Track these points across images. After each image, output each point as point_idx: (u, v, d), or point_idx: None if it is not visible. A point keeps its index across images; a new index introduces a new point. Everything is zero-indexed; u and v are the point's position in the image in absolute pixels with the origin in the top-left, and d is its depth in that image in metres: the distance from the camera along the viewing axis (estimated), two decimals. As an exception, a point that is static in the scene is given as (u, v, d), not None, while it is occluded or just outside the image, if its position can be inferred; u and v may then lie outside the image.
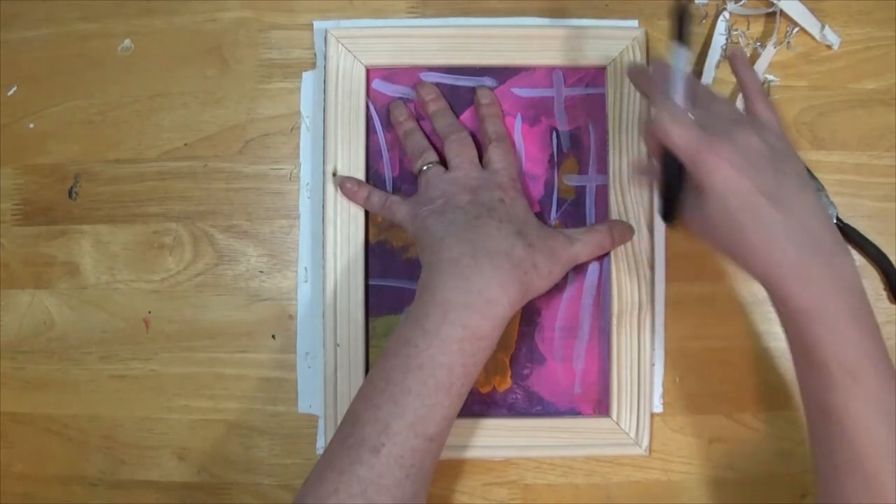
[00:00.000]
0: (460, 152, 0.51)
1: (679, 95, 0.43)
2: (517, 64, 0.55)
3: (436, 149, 0.53)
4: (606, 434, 0.53)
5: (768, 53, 0.54)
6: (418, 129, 0.54)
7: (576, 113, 0.55)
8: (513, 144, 0.54)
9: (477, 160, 0.51)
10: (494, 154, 0.51)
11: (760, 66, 0.54)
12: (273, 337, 0.55)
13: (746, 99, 0.46)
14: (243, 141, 0.56)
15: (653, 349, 0.54)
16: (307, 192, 0.56)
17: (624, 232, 0.52)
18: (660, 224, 0.54)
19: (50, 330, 0.56)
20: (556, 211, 0.55)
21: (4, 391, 0.56)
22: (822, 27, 0.55)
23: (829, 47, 0.55)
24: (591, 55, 0.54)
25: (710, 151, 0.40)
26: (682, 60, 0.43)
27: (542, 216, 0.55)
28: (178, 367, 0.56)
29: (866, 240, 0.54)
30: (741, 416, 0.54)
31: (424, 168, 0.52)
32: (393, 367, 0.44)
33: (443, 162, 0.52)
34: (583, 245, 0.50)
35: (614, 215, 0.53)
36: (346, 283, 0.53)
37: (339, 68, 0.54)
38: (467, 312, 0.44)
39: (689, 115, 0.42)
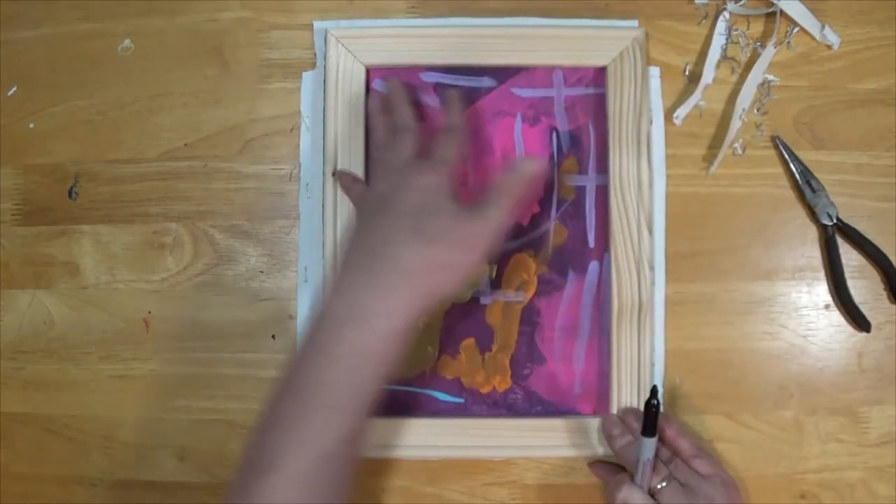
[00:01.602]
0: (403, 142, 0.50)
1: (643, 482, 0.47)
2: (517, 64, 0.55)
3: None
4: (606, 434, 0.53)
5: (768, 53, 0.54)
6: (387, 121, 0.52)
7: (576, 113, 0.55)
8: (464, 139, 0.52)
9: (414, 148, 0.49)
10: (438, 141, 0.50)
11: (760, 66, 0.54)
12: (273, 337, 0.55)
13: (687, 462, 0.49)
14: (243, 141, 0.56)
15: (653, 349, 0.54)
16: (307, 192, 0.56)
17: (533, 165, 0.48)
18: (660, 224, 0.55)
19: (50, 330, 0.56)
20: (556, 211, 0.55)
21: (4, 391, 0.56)
22: (822, 27, 0.55)
23: (829, 47, 0.55)
24: (591, 55, 0.54)
25: None
26: (648, 450, 0.47)
27: (541, 216, 0.55)
28: (178, 367, 0.55)
29: (866, 240, 0.54)
30: (741, 416, 0.55)
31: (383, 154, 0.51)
32: (286, 383, 0.44)
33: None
34: (496, 208, 0.46)
35: (614, 215, 0.53)
36: (346, 283, 0.53)
37: (339, 68, 0.54)
38: (352, 329, 0.43)
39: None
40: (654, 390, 0.47)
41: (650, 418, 0.47)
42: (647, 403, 0.47)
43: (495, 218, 0.46)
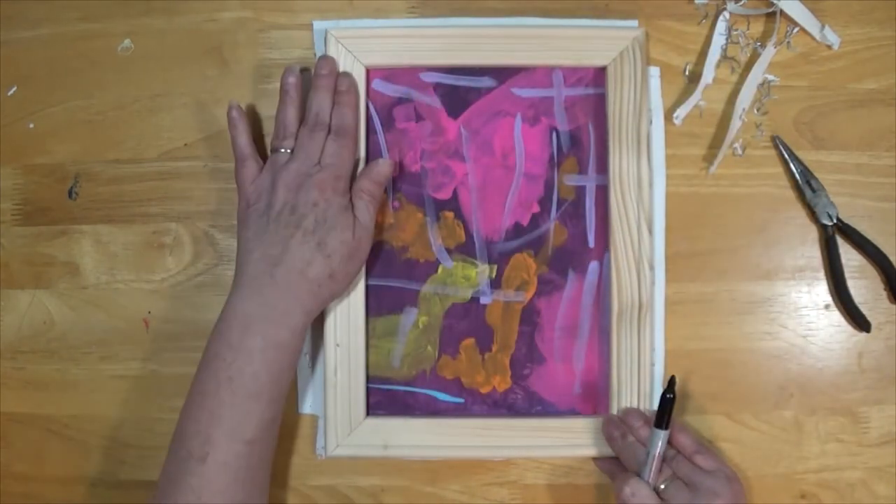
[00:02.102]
0: (306, 144, 0.51)
1: (651, 476, 0.48)
2: (517, 64, 0.55)
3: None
4: (606, 434, 0.53)
5: (768, 53, 0.54)
6: (297, 107, 0.52)
7: (576, 113, 0.55)
8: (355, 139, 0.52)
9: (318, 156, 0.51)
10: (329, 148, 0.51)
11: (760, 66, 0.54)
12: (273, 337, 0.55)
13: (690, 459, 0.49)
14: (243, 141, 0.56)
15: (653, 349, 0.54)
16: (307, 192, 0.55)
17: (387, 167, 0.52)
18: (660, 224, 0.55)
19: (50, 330, 0.56)
20: (556, 211, 0.55)
21: (4, 391, 0.56)
22: (822, 27, 0.55)
23: (829, 47, 0.55)
24: (591, 55, 0.54)
25: None
26: (659, 444, 0.48)
27: (541, 216, 0.55)
28: (178, 367, 0.56)
29: (866, 240, 0.54)
30: (741, 416, 0.55)
31: (280, 150, 0.51)
32: (205, 380, 0.47)
33: None
34: (367, 213, 0.51)
35: (614, 215, 0.53)
36: (346, 283, 0.53)
37: (339, 68, 0.54)
38: (266, 324, 0.48)
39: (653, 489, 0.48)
40: (671, 381, 0.47)
41: (665, 410, 0.47)
42: (664, 395, 0.47)
43: (369, 224, 0.51)
